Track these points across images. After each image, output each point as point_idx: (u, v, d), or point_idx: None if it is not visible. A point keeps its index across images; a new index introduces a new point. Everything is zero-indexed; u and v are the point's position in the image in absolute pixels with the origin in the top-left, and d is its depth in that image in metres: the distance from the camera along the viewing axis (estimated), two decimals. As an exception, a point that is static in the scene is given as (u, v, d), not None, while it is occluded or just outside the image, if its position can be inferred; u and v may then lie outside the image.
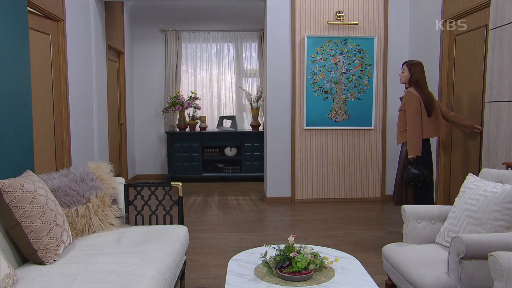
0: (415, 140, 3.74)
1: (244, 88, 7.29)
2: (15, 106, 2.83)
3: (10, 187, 2.02)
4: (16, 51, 2.86)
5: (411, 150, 3.76)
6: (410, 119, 3.78)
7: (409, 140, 3.78)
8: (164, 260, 2.23)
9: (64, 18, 4.21)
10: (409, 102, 3.79)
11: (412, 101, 3.77)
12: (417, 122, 3.74)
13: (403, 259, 2.29)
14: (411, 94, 3.81)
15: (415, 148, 3.74)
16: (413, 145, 3.74)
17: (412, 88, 3.85)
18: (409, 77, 3.89)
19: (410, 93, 3.81)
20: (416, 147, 3.74)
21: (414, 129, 3.74)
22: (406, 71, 3.91)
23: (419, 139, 3.75)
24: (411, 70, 3.89)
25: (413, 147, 3.74)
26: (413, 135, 3.75)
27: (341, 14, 5.37)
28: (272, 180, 5.56)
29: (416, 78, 3.86)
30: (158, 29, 7.23)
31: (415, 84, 3.86)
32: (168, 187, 2.99)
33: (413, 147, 3.74)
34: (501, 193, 2.17)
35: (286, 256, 2.00)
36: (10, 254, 2.07)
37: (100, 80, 5.29)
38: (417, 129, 3.74)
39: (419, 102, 3.77)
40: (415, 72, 3.87)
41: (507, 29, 3.14)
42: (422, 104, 3.78)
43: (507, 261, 1.59)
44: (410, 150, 3.77)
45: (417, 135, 3.74)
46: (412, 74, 3.87)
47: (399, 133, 3.94)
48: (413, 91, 3.81)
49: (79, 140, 4.63)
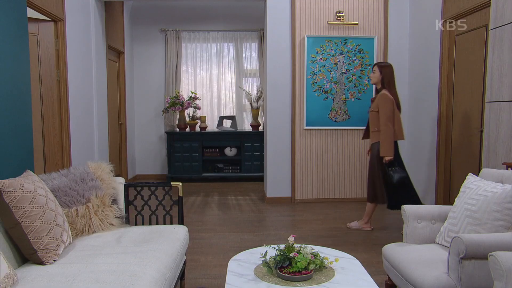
0: (389, 142, 3.92)
1: (244, 88, 7.29)
2: (15, 106, 2.83)
3: (10, 187, 2.02)
4: (15, 51, 2.86)
5: (387, 152, 3.92)
6: (384, 121, 3.93)
7: (384, 142, 3.93)
8: (164, 260, 2.23)
9: (64, 18, 4.22)
10: (385, 104, 3.94)
11: (388, 104, 3.94)
12: (391, 124, 3.92)
13: (403, 259, 2.29)
14: (386, 96, 3.96)
15: (390, 150, 3.92)
16: (388, 147, 3.92)
17: (385, 90, 4.01)
18: (380, 78, 4.05)
19: (385, 96, 3.96)
20: (391, 149, 3.92)
21: (388, 131, 3.91)
22: (377, 72, 4.08)
23: (393, 141, 3.94)
24: (382, 71, 4.05)
25: (388, 149, 3.92)
26: (388, 137, 3.91)
27: (341, 14, 5.37)
28: (272, 180, 5.56)
29: (388, 79, 4.03)
30: (158, 29, 7.23)
31: (388, 86, 4.02)
32: (168, 187, 2.99)
33: (389, 149, 3.92)
34: (501, 193, 2.17)
35: (286, 256, 2.00)
36: (10, 254, 2.07)
37: (100, 80, 5.29)
38: (391, 132, 3.92)
39: (393, 104, 3.96)
40: (386, 74, 4.04)
41: (507, 29, 3.14)
42: (395, 106, 3.98)
43: (507, 261, 1.59)
44: (386, 152, 3.93)
45: (391, 137, 3.93)
46: (383, 75, 4.03)
47: (371, 133, 4.11)
48: (388, 93, 3.98)
49: (79, 140, 4.63)
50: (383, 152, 3.94)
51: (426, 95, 5.04)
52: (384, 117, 3.93)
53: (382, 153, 3.94)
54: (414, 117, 5.41)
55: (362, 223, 4.33)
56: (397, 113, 4.02)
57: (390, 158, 3.93)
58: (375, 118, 4.04)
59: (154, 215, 3.07)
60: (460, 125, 4.37)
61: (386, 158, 3.94)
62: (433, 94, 4.82)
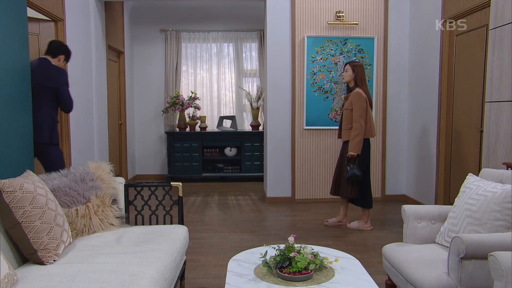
0: (359, 139, 4.03)
1: (244, 88, 7.29)
2: (15, 106, 2.83)
3: (10, 187, 2.02)
4: (15, 51, 2.86)
5: (355, 148, 4.03)
6: (357, 119, 4.04)
7: (354, 138, 4.05)
8: (164, 260, 2.23)
9: (64, 18, 4.22)
10: (358, 102, 4.05)
11: (361, 102, 4.05)
12: (362, 122, 4.03)
13: (403, 259, 2.29)
14: (360, 95, 4.07)
15: (358, 147, 4.03)
16: (357, 144, 4.03)
17: (359, 88, 4.11)
18: (353, 77, 4.17)
19: (359, 94, 4.07)
20: (359, 146, 4.04)
21: (360, 129, 4.03)
22: (350, 71, 4.20)
23: (362, 139, 4.05)
24: (354, 70, 4.17)
25: (357, 145, 4.03)
26: (359, 134, 4.03)
27: (341, 14, 5.37)
28: (272, 180, 5.56)
29: (360, 77, 4.15)
30: (158, 29, 7.23)
31: (361, 83, 4.14)
32: (168, 187, 2.99)
33: (357, 146, 4.03)
34: (501, 193, 2.17)
35: (286, 256, 2.00)
36: (10, 254, 2.07)
37: (100, 80, 5.29)
38: (362, 129, 4.03)
39: (366, 102, 4.08)
40: (358, 72, 4.16)
41: (507, 29, 3.14)
42: (368, 104, 4.10)
43: (507, 261, 1.59)
44: (354, 149, 4.03)
45: (362, 134, 4.04)
46: (355, 73, 4.16)
47: (344, 131, 4.21)
48: (362, 92, 4.09)
49: (79, 140, 4.63)
50: (352, 148, 4.04)
51: (426, 95, 5.04)
52: (357, 114, 4.04)
53: (351, 148, 4.05)
54: (414, 117, 5.41)
55: (362, 224, 4.34)
56: (369, 110, 4.14)
57: (355, 154, 4.04)
58: (349, 116, 4.13)
59: (154, 215, 3.07)
60: (460, 125, 4.37)
61: (351, 153, 4.04)
62: (433, 94, 4.82)
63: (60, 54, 3.74)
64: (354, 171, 4.04)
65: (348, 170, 4.06)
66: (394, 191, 5.68)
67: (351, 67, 4.19)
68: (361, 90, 4.10)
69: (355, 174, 4.04)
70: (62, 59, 3.78)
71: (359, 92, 4.08)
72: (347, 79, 4.23)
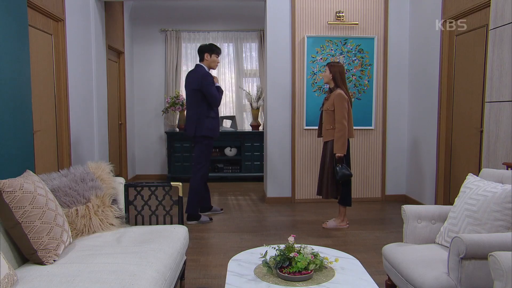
0: (344, 140, 4.07)
1: (244, 88, 7.29)
2: (15, 106, 2.83)
3: (10, 187, 2.02)
4: (16, 51, 2.86)
5: (341, 149, 4.06)
6: (340, 120, 4.07)
7: (338, 140, 4.07)
8: (164, 260, 2.23)
9: (64, 18, 4.21)
10: (341, 103, 4.07)
11: (343, 103, 4.08)
12: (345, 123, 4.06)
13: (403, 259, 2.29)
14: (342, 96, 4.10)
15: (344, 147, 4.06)
16: (342, 145, 4.06)
17: (340, 89, 4.14)
18: (331, 77, 4.18)
19: (341, 95, 4.10)
20: (345, 147, 4.07)
21: (343, 130, 4.06)
22: (327, 72, 4.21)
23: (347, 139, 4.09)
24: (331, 70, 4.18)
25: (343, 146, 4.06)
26: (343, 135, 4.06)
27: (341, 14, 5.37)
28: (272, 180, 5.56)
29: (338, 78, 4.17)
30: (158, 29, 7.23)
31: (341, 83, 4.17)
32: (168, 187, 2.99)
33: (343, 146, 4.06)
34: (501, 193, 2.17)
35: (286, 256, 2.00)
36: (10, 254, 2.07)
37: (100, 80, 5.29)
38: (346, 130, 4.07)
39: (348, 103, 4.12)
40: (336, 72, 4.17)
41: (507, 29, 3.14)
42: (349, 105, 4.14)
43: (507, 261, 1.59)
44: (339, 149, 4.06)
45: (346, 135, 4.08)
46: (333, 74, 4.16)
47: (325, 131, 4.22)
48: (343, 93, 4.11)
49: (79, 140, 4.63)
50: (337, 149, 4.06)
51: (426, 95, 5.04)
52: (340, 115, 4.06)
53: (336, 149, 4.06)
54: (414, 116, 5.41)
55: (338, 222, 4.37)
56: (350, 111, 4.16)
57: (341, 155, 4.06)
58: (331, 117, 4.14)
59: (154, 215, 3.07)
60: (460, 125, 4.37)
61: (338, 154, 4.06)
62: (433, 94, 4.82)
63: (204, 54, 4.42)
64: (344, 170, 4.06)
65: (338, 171, 4.07)
66: (394, 191, 5.68)
67: (328, 67, 4.21)
68: (342, 91, 4.11)
69: (345, 173, 4.06)
70: (208, 56, 4.39)
71: (341, 93, 4.09)
72: (325, 80, 4.25)
